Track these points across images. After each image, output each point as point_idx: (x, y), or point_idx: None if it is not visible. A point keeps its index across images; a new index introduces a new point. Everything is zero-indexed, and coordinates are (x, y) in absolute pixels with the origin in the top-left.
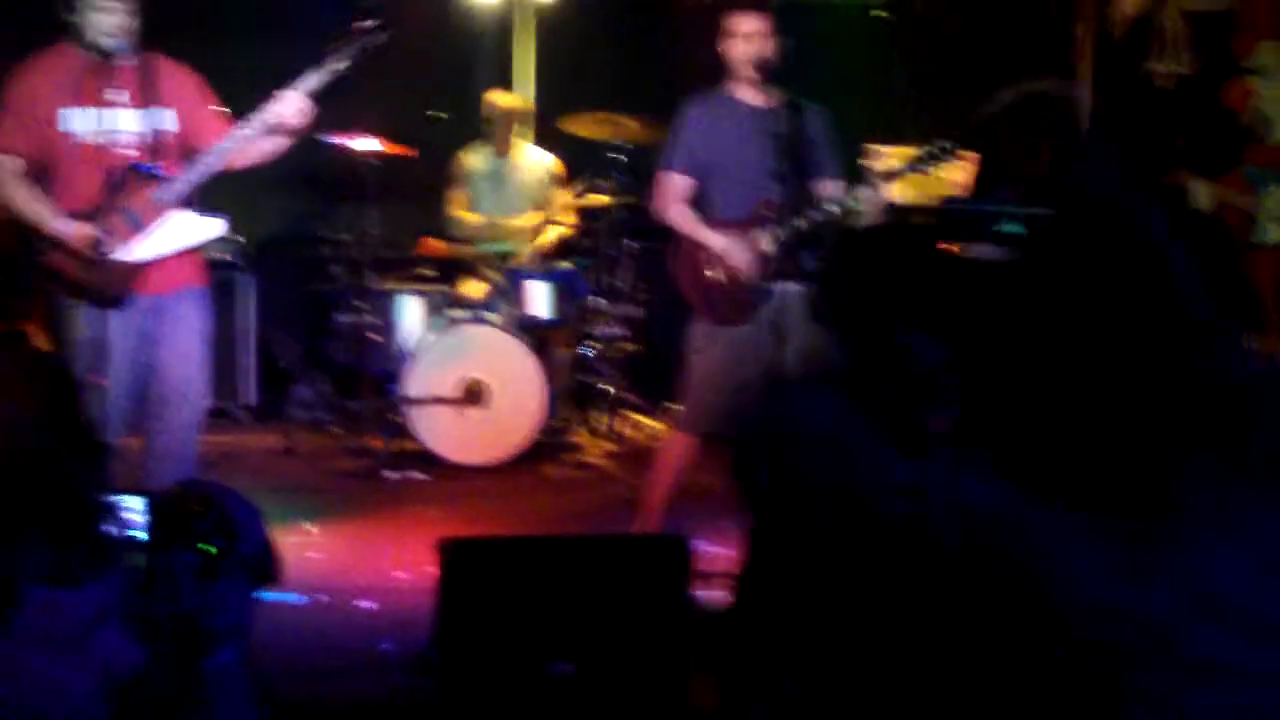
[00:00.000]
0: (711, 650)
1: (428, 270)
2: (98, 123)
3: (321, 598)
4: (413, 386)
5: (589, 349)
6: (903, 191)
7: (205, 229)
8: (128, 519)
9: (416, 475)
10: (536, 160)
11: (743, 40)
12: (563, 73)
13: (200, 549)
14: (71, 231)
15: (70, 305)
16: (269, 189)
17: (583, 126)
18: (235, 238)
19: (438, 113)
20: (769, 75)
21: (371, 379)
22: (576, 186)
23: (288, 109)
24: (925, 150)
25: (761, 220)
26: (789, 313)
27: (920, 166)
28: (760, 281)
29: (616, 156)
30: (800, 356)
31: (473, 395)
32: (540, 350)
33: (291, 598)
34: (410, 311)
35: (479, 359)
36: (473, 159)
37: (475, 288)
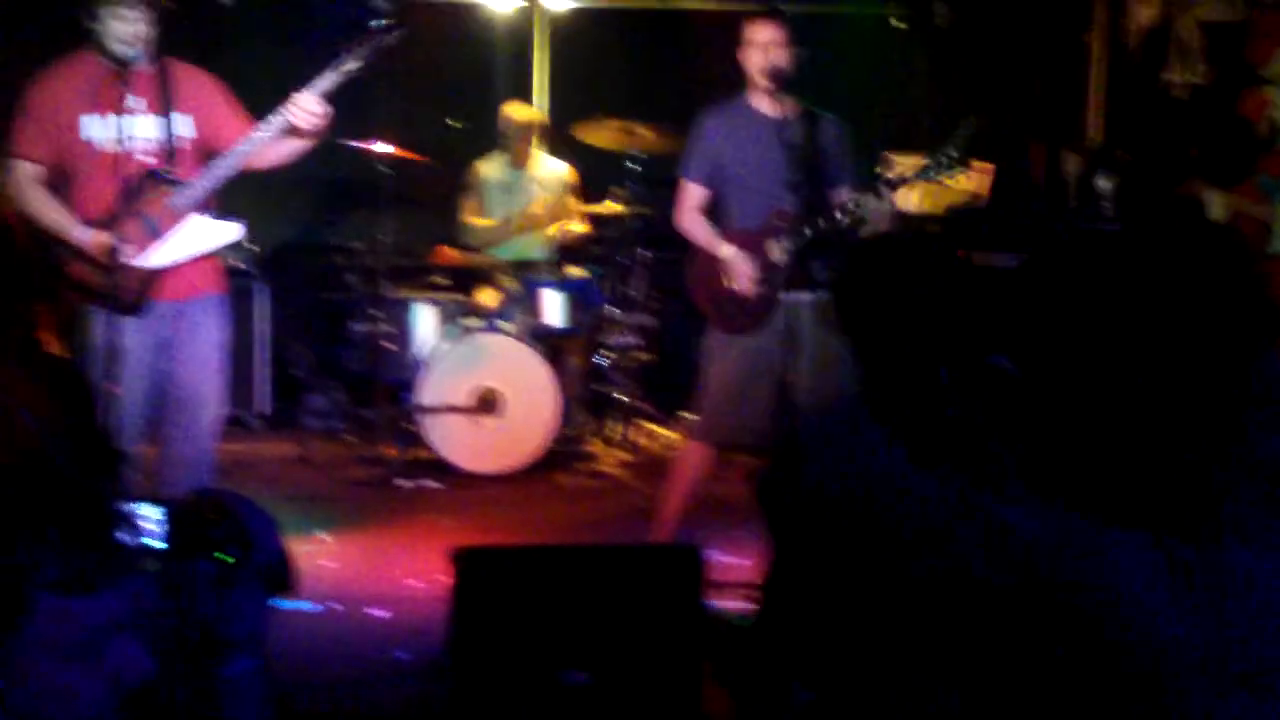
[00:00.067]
0: (726, 660)
1: (442, 279)
2: (116, 130)
3: (335, 606)
4: (427, 395)
5: (603, 358)
6: (919, 201)
7: (222, 233)
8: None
9: (430, 484)
10: (551, 170)
11: (759, 49)
12: (579, 82)
13: (216, 558)
14: (89, 239)
15: (87, 312)
16: (284, 197)
17: (598, 136)
18: (249, 246)
19: (455, 121)
20: (786, 84)
21: (386, 387)
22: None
23: (303, 110)
24: (933, 159)
25: (775, 230)
26: (803, 322)
27: (928, 175)
28: (770, 291)
29: (632, 166)
30: (814, 366)
31: (487, 404)
32: (554, 359)
33: (305, 606)
34: (425, 320)
35: (493, 368)
36: (488, 168)
37: (490, 296)
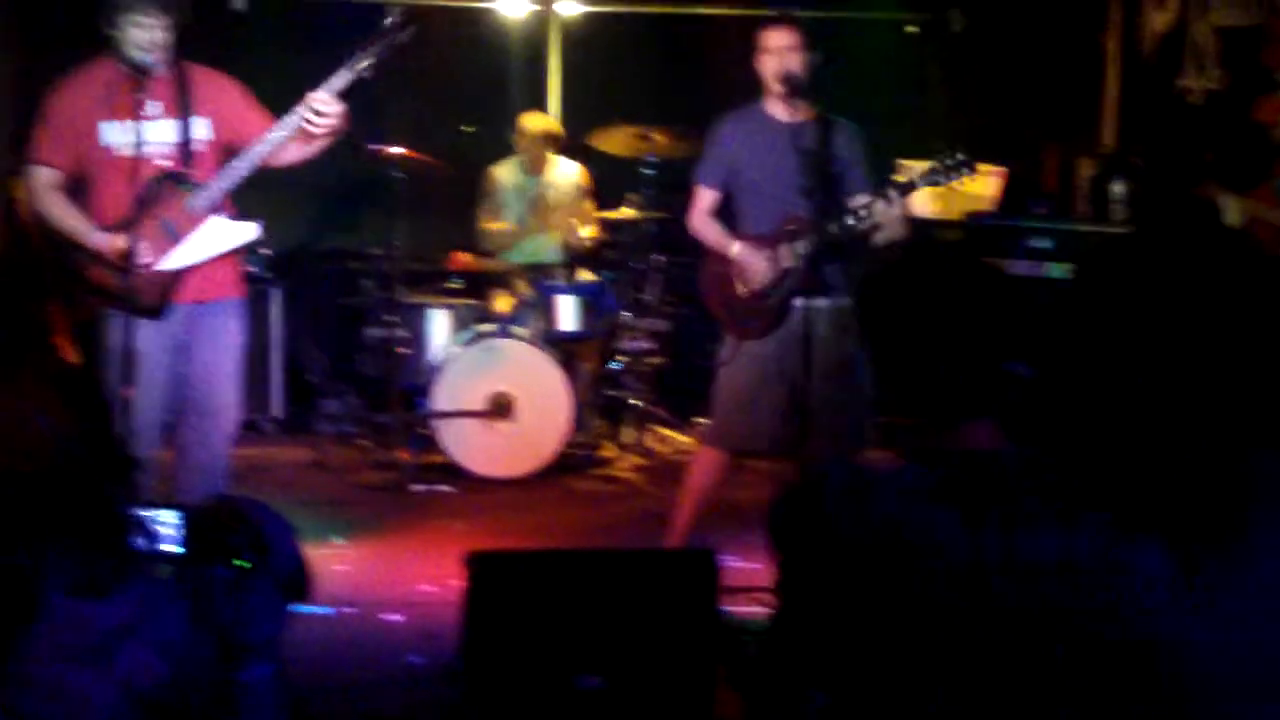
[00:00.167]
0: (739, 665)
1: (457, 284)
2: (134, 135)
3: (349, 610)
4: (441, 399)
5: (617, 363)
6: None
7: (240, 234)
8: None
9: (444, 488)
10: (565, 172)
11: (774, 55)
12: (592, 86)
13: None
14: (107, 243)
15: (105, 316)
16: (299, 202)
17: (612, 142)
18: (264, 250)
19: (468, 126)
20: (801, 90)
21: (400, 392)
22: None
23: (318, 110)
24: (940, 162)
25: (787, 235)
26: (816, 328)
27: (936, 179)
28: (782, 296)
29: (646, 171)
30: (827, 372)
31: (500, 408)
32: (568, 364)
33: (319, 610)
34: (439, 325)
35: (507, 372)
36: (504, 173)
37: (504, 301)
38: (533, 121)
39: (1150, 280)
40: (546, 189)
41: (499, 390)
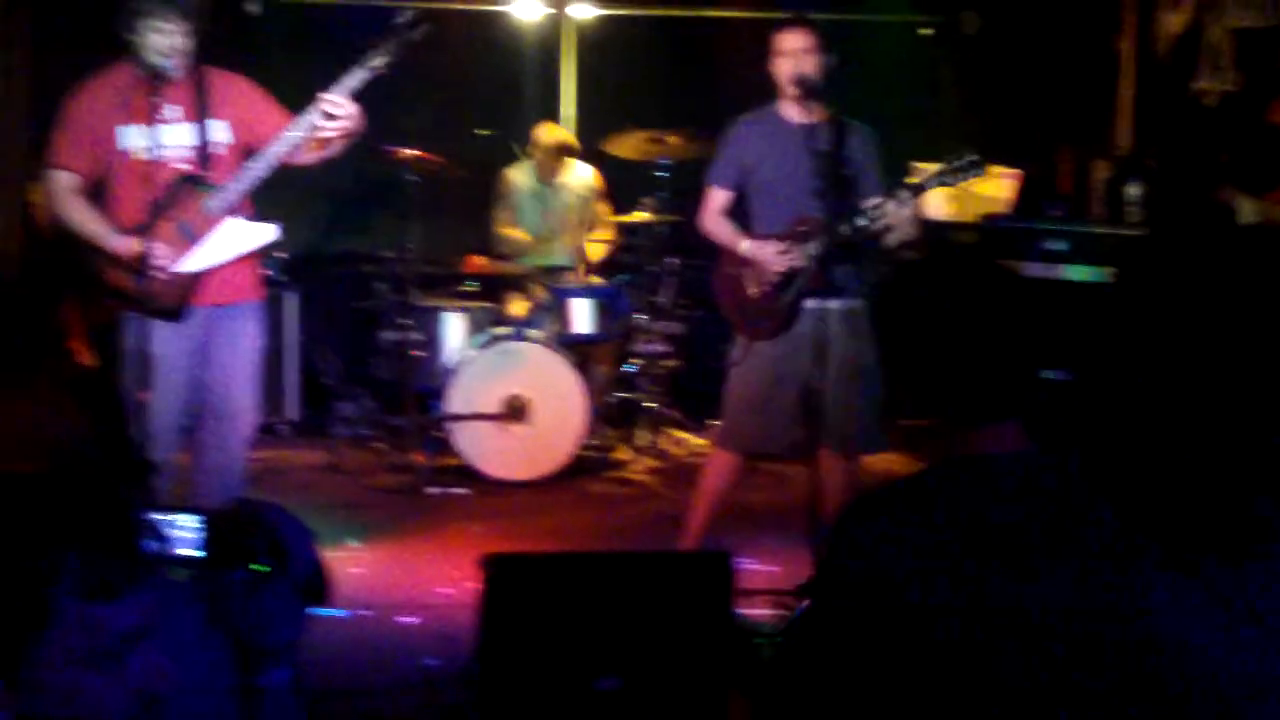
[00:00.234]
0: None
1: (471, 287)
2: (152, 139)
3: (364, 613)
4: (455, 402)
5: (631, 365)
6: (945, 208)
7: (259, 235)
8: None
9: (459, 491)
10: (579, 176)
11: (788, 58)
12: (606, 89)
13: (252, 568)
14: (125, 246)
15: (124, 319)
16: (314, 205)
17: (626, 147)
18: (278, 253)
19: (482, 130)
20: (815, 93)
21: (415, 395)
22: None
23: (330, 110)
24: (950, 163)
25: (799, 236)
26: (828, 329)
27: (946, 180)
28: (793, 297)
29: (660, 174)
30: (839, 373)
31: (515, 411)
32: (583, 366)
33: (335, 613)
34: (454, 328)
35: (521, 375)
36: (519, 176)
37: (519, 304)
38: (547, 133)
39: (1176, 283)
40: (561, 190)
41: (514, 393)
